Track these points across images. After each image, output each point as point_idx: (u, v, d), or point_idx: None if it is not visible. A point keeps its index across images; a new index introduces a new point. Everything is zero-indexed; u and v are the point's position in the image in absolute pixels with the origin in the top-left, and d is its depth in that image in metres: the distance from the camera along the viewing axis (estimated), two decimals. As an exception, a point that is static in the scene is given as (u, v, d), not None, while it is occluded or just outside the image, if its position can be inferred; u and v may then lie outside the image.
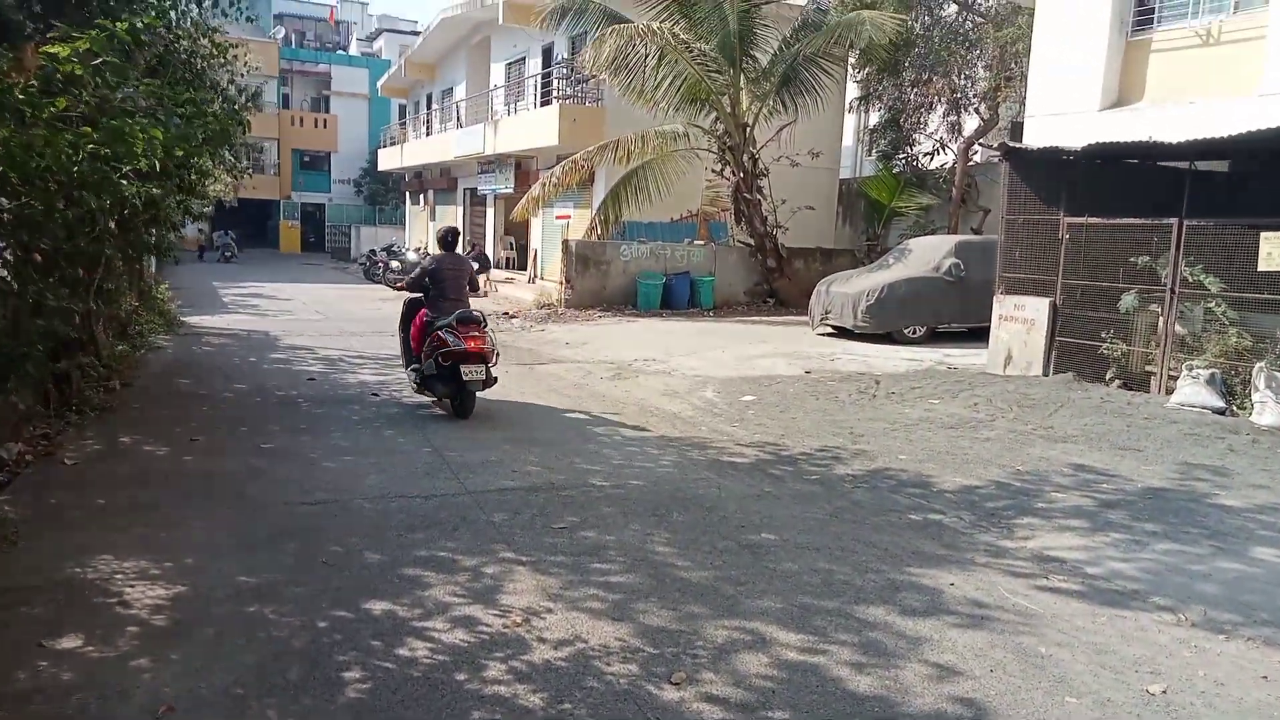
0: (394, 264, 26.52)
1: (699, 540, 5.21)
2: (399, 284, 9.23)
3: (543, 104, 22.09)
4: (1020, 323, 10.77)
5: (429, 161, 31.24)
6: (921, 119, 20.85)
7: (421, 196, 35.33)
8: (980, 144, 19.87)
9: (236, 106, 9.05)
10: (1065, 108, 11.49)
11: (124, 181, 4.84)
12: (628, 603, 4.27)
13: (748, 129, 17.81)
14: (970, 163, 20.27)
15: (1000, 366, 10.88)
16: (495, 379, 8.42)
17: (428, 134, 32.49)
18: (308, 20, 57.47)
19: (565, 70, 21.94)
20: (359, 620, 3.96)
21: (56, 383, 7.92)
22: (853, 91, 22.35)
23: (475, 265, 9.45)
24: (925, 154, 20.84)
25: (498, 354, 8.53)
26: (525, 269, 24.70)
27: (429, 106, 34.23)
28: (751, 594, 4.44)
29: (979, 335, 12.49)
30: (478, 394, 8.36)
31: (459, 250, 9.48)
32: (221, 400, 8.92)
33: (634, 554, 4.94)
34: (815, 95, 17.60)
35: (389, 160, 37.02)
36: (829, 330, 14.71)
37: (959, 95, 19.94)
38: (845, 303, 14.09)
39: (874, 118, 22.66)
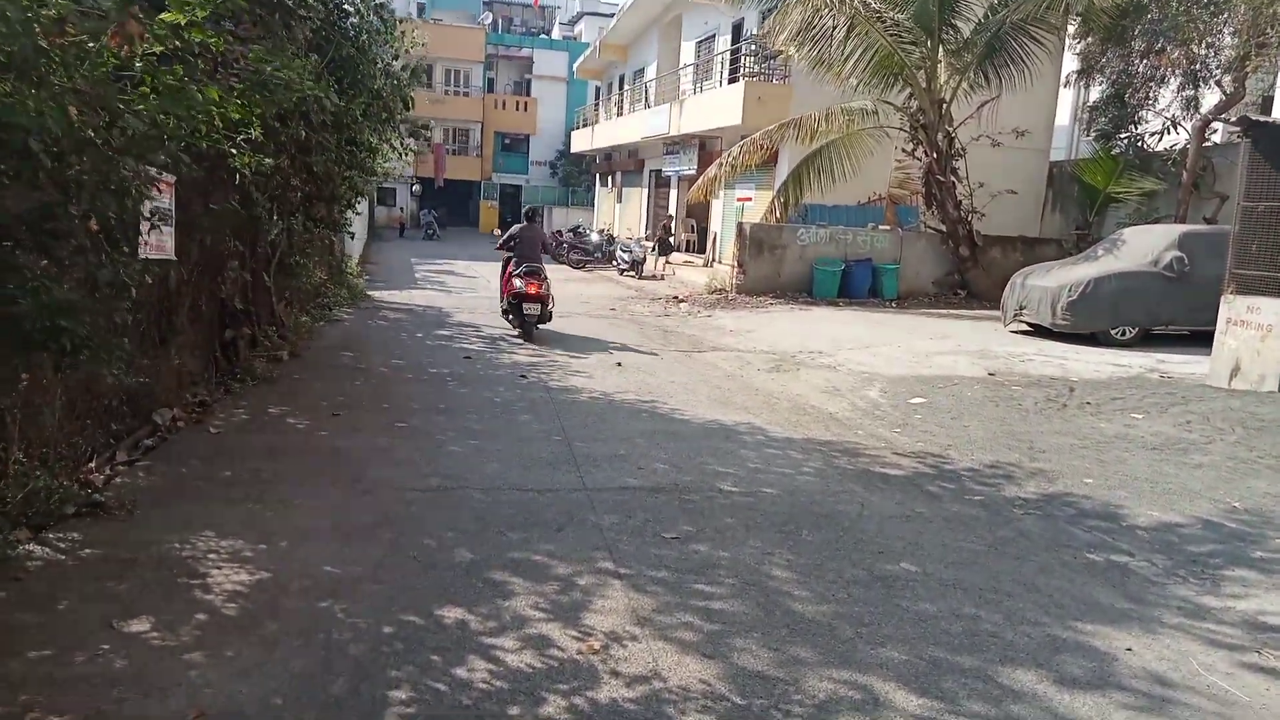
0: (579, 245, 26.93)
1: (825, 565, 4.59)
2: (498, 245, 12.61)
3: (729, 82, 21.50)
4: (1254, 328, 9.19)
5: (618, 143, 31.37)
6: (1151, 94, 18.57)
7: (610, 178, 35.66)
8: (1222, 120, 17.46)
9: (401, 84, 9.14)
10: (1329, 75, 9.68)
11: (233, 152, 4.76)
12: (724, 636, 3.75)
13: (944, 105, 16.45)
14: (1207, 143, 17.88)
15: (1225, 378, 9.34)
16: (550, 315, 12.05)
17: (619, 115, 32.63)
18: (515, 6, 59.54)
19: (753, 47, 21.21)
20: (426, 629, 3.67)
21: (224, 350, 8.30)
22: (1070, 64, 20.26)
23: (549, 235, 12.78)
24: (1153, 133, 18.58)
25: (553, 299, 12.07)
26: (705, 251, 24.28)
27: (620, 88, 34.40)
28: (874, 639, 3.80)
29: (1202, 340, 10.86)
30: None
31: (537, 224, 12.86)
32: (376, 375, 9.06)
33: (746, 576, 4.39)
34: (1024, 67, 15.97)
35: (581, 142, 37.57)
36: (1023, 328, 13.34)
37: (1198, 66, 17.60)
38: (1043, 297, 12.69)
39: (1095, 93, 20.50)
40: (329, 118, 7.33)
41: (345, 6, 8.19)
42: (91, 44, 3.59)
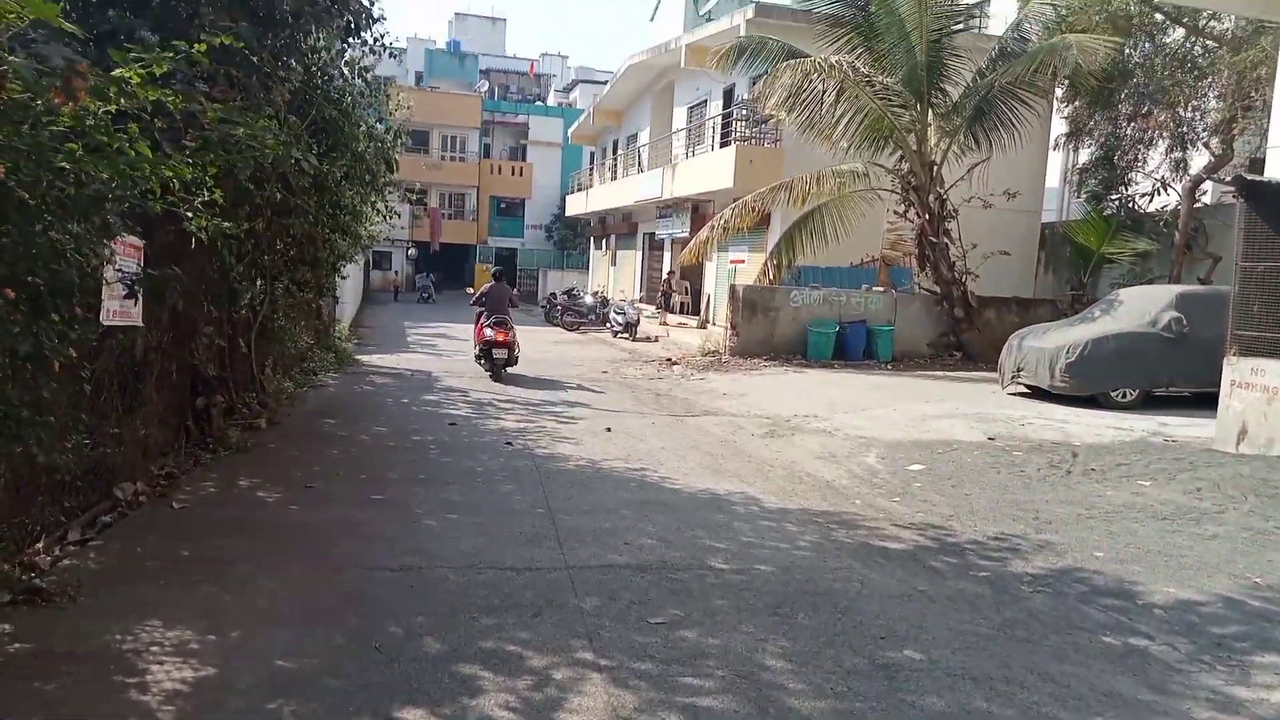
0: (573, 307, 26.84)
1: (822, 654, 4.24)
2: (471, 302, 14.86)
3: (721, 146, 21.63)
4: (1259, 390, 8.94)
5: (612, 206, 31.54)
6: (1139, 156, 18.70)
7: (604, 241, 35.82)
8: (1213, 179, 17.49)
9: (385, 146, 9.01)
10: (1322, 135, 9.61)
11: (189, 215, 4.54)
12: (712, 739, 3.40)
13: (935, 167, 16.46)
14: (1197, 204, 17.91)
15: (1232, 443, 9.07)
16: (516, 359, 14.26)
17: (613, 179, 32.87)
18: (511, 74, 60.62)
19: (744, 111, 21.39)
20: (383, 734, 3.32)
21: (196, 419, 7.99)
22: (1059, 127, 20.43)
23: (514, 292, 15.31)
24: (1143, 195, 18.63)
25: (518, 345, 14.27)
26: (699, 313, 24.17)
27: (614, 152, 34.72)
28: (876, 740, 3.46)
29: (1204, 402, 10.62)
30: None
31: (504, 283, 14.95)
32: (356, 443, 8.75)
33: (737, 667, 4.04)
34: (1013, 130, 16.03)
35: (575, 206, 37.80)
36: (1021, 390, 13.09)
37: (1185, 129, 17.72)
38: (1041, 359, 12.47)
39: (1084, 155, 20.63)
40: (308, 180, 7.16)
41: (329, 70, 8.08)
42: (37, 101, 3.38)
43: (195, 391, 7.92)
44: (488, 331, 13.80)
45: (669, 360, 17.34)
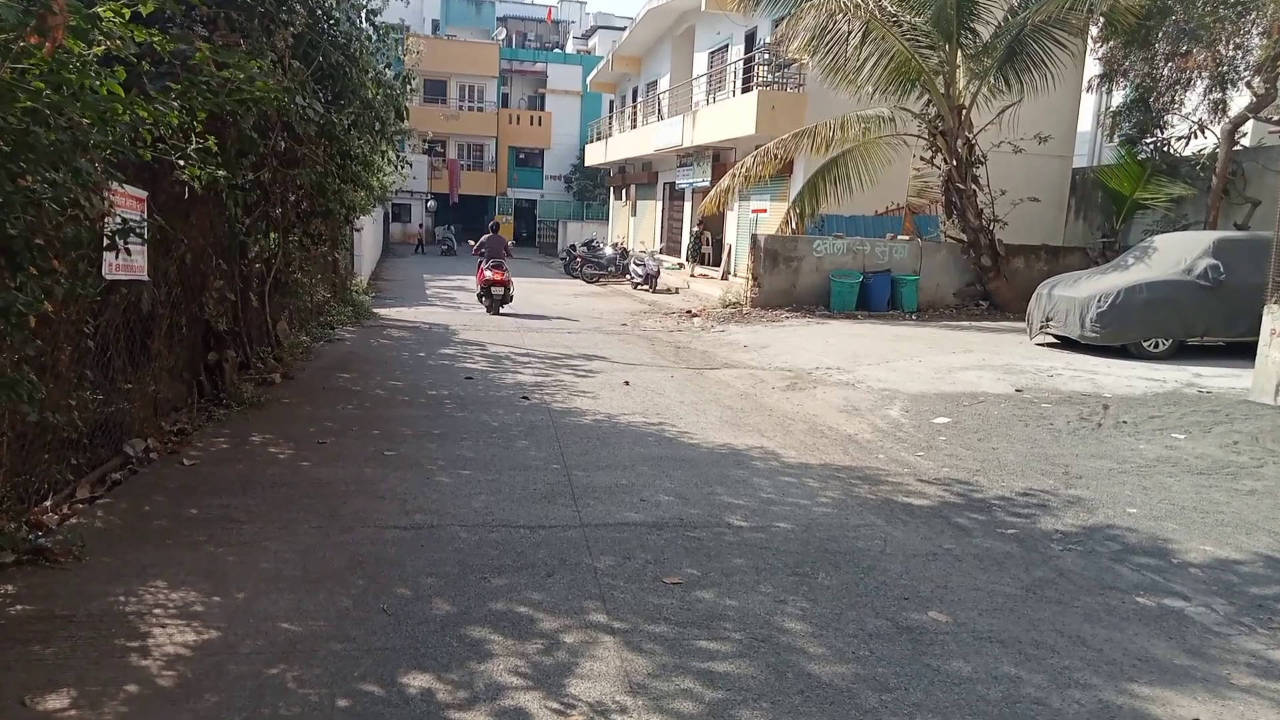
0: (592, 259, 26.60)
1: (845, 615, 4.10)
2: (473, 251, 17.98)
3: (743, 92, 21.08)
4: (1302, 340, 8.63)
5: (631, 156, 31.02)
6: (1176, 97, 17.97)
7: (624, 191, 35.31)
8: (1257, 118, 16.82)
9: (395, 93, 8.74)
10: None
11: (180, 163, 4.35)
12: (729, 707, 3.27)
13: (963, 111, 15.94)
14: (1236, 147, 17.26)
15: (1270, 394, 8.77)
16: (512, 297, 16.91)
17: (632, 128, 32.27)
18: (529, 21, 59.48)
19: (766, 55, 20.79)
20: (387, 700, 3.21)
21: (209, 374, 7.91)
22: (1093, 69, 19.70)
23: (509, 242, 18.38)
24: (1179, 138, 17.98)
25: (513, 284, 16.97)
26: (720, 264, 23.84)
27: (634, 100, 34.08)
28: (900, 708, 3.31)
29: (1241, 352, 10.29)
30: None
31: (498, 234, 17.80)
32: (370, 398, 8.65)
33: (756, 629, 3.91)
34: (1046, 71, 15.45)
35: (595, 155, 37.24)
36: (1050, 340, 12.78)
37: (1225, 68, 17.01)
38: (1071, 308, 12.13)
39: (1118, 97, 19.92)
40: (314, 129, 6.94)
41: (334, 13, 7.81)
42: (12, 43, 3.19)
43: (207, 346, 7.83)
44: (487, 273, 16.61)
45: (689, 312, 17.11)
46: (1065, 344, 12.41)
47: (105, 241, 4.94)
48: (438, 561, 4.53)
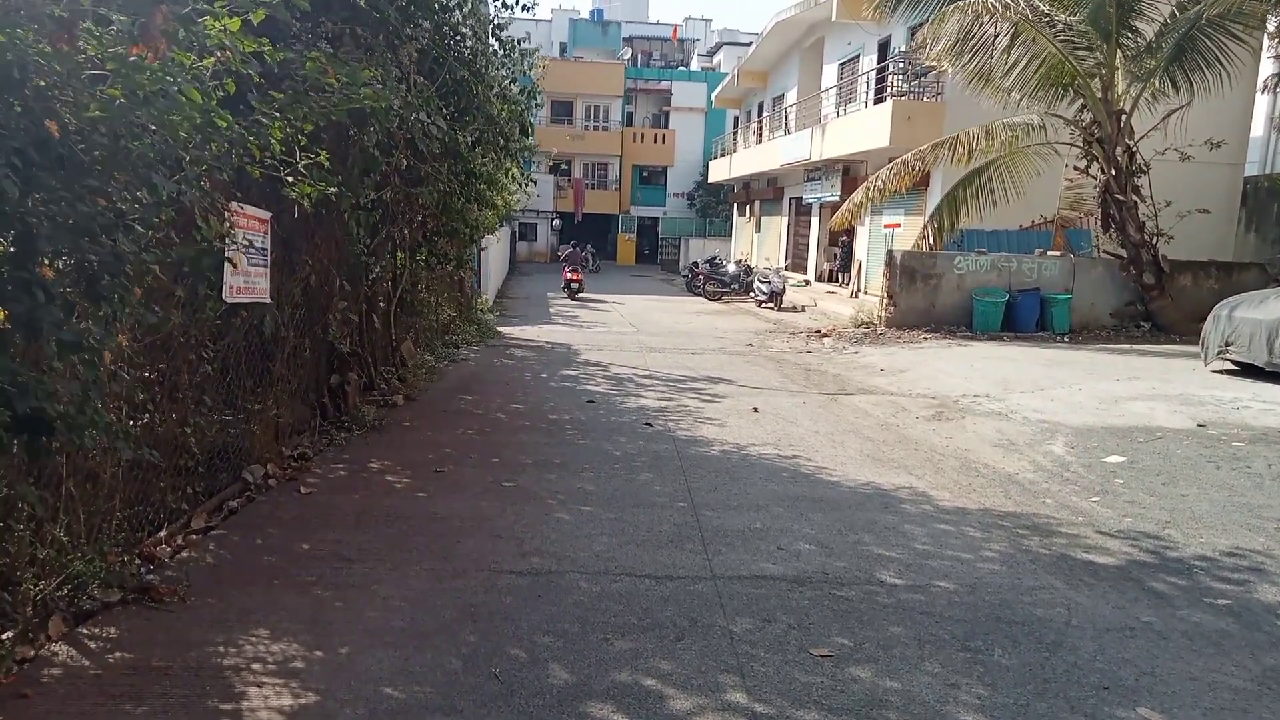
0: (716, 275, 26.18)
1: (1032, 708, 3.43)
2: (562, 260, 29.60)
3: (876, 102, 20.23)
4: None
5: (756, 171, 30.41)
6: (1371, 95, 16.17)
7: (748, 208, 34.74)
8: None
9: (519, 108, 8.50)
10: None
11: (289, 179, 4.08)
12: (901, 830, 2.69)
13: (1123, 116, 14.67)
14: None
15: None
16: (583, 288, 24.70)
17: (757, 142, 31.68)
18: (654, 40, 59.76)
19: (901, 64, 19.90)
20: (496, 797, 2.78)
21: (331, 397, 7.80)
22: (1268, 68, 17.93)
23: (584, 255, 31.30)
24: (1375, 140, 16.12)
25: (585, 283, 25.27)
26: (850, 282, 22.94)
27: (759, 115, 33.49)
28: (1119, 844, 2.65)
29: None
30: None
31: (576, 248, 31.24)
32: (491, 422, 8.38)
33: (924, 721, 3.30)
34: (1220, 70, 14.05)
35: (718, 172, 36.80)
36: (1229, 367, 11.46)
37: None
38: (1256, 332, 10.83)
39: (1296, 99, 18.10)
40: (438, 146, 6.72)
41: (461, 28, 7.62)
42: (112, 52, 2.95)
43: (330, 368, 7.72)
44: (568, 273, 24.52)
45: (818, 332, 16.37)
46: (1247, 371, 11.09)
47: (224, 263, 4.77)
48: (556, 616, 4.10)
